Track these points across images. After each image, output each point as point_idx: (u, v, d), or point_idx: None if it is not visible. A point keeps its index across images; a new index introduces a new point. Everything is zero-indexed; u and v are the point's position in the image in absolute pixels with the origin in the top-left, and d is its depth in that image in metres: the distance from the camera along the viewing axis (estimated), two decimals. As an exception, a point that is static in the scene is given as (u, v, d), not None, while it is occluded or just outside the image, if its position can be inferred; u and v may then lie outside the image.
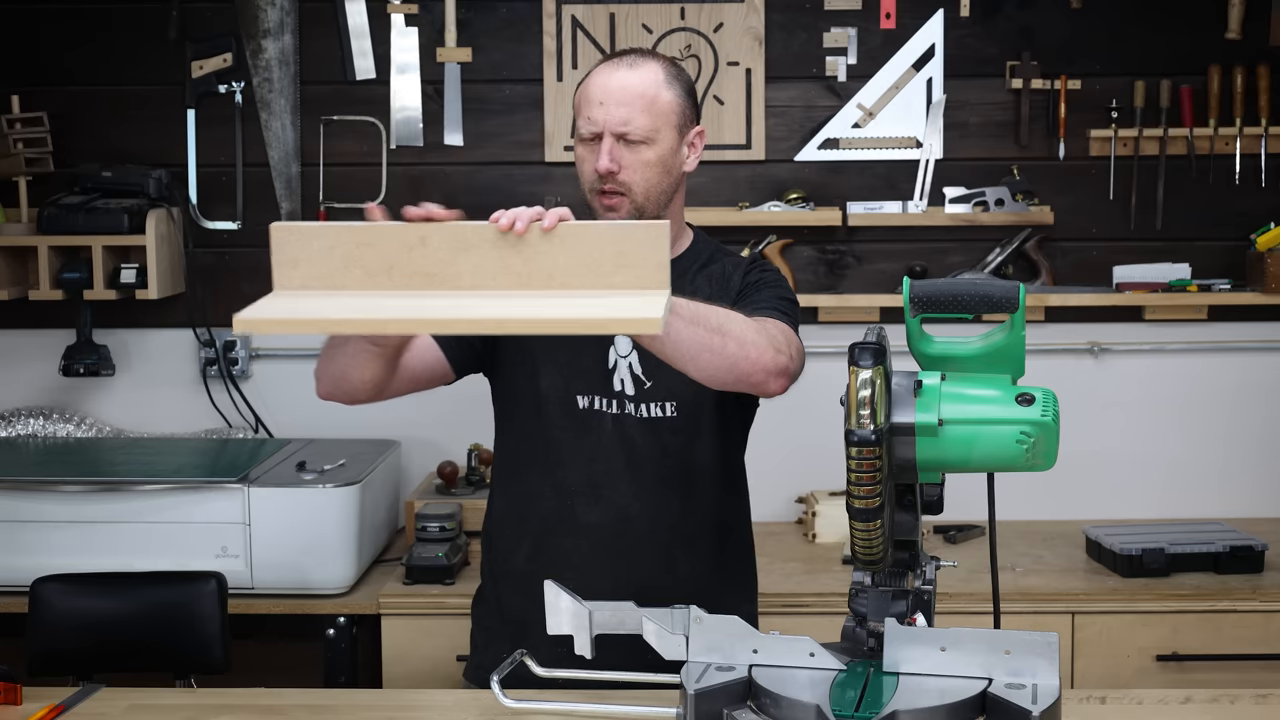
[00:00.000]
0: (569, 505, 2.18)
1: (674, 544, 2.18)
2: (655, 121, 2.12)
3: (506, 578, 2.25)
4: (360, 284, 1.73)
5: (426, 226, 1.73)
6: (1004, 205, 3.38)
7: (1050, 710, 1.60)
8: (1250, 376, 3.48)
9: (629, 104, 2.10)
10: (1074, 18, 3.42)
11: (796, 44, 3.45)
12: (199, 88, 3.46)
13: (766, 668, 1.73)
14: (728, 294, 2.18)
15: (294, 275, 1.74)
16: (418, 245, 1.73)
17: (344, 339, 2.02)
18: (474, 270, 1.73)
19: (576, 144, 2.16)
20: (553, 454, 2.19)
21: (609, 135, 2.10)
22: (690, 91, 2.19)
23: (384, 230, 1.75)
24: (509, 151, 3.47)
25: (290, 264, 1.74)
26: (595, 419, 2.17)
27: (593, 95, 2.12)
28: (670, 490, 2.17)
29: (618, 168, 2.10)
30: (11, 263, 3.32)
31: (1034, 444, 1.69)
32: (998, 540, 1.87)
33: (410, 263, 1.73)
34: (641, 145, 2.11)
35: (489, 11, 3.46)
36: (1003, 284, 1.73)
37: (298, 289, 1.73)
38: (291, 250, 1.74)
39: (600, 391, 2.16)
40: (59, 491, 2.96)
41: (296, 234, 1.74)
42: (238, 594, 2.83)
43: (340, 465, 3.05)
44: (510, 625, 2.21)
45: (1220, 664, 2.86)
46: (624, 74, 2.12)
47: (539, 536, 2.20)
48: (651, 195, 2.14)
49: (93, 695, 2.03)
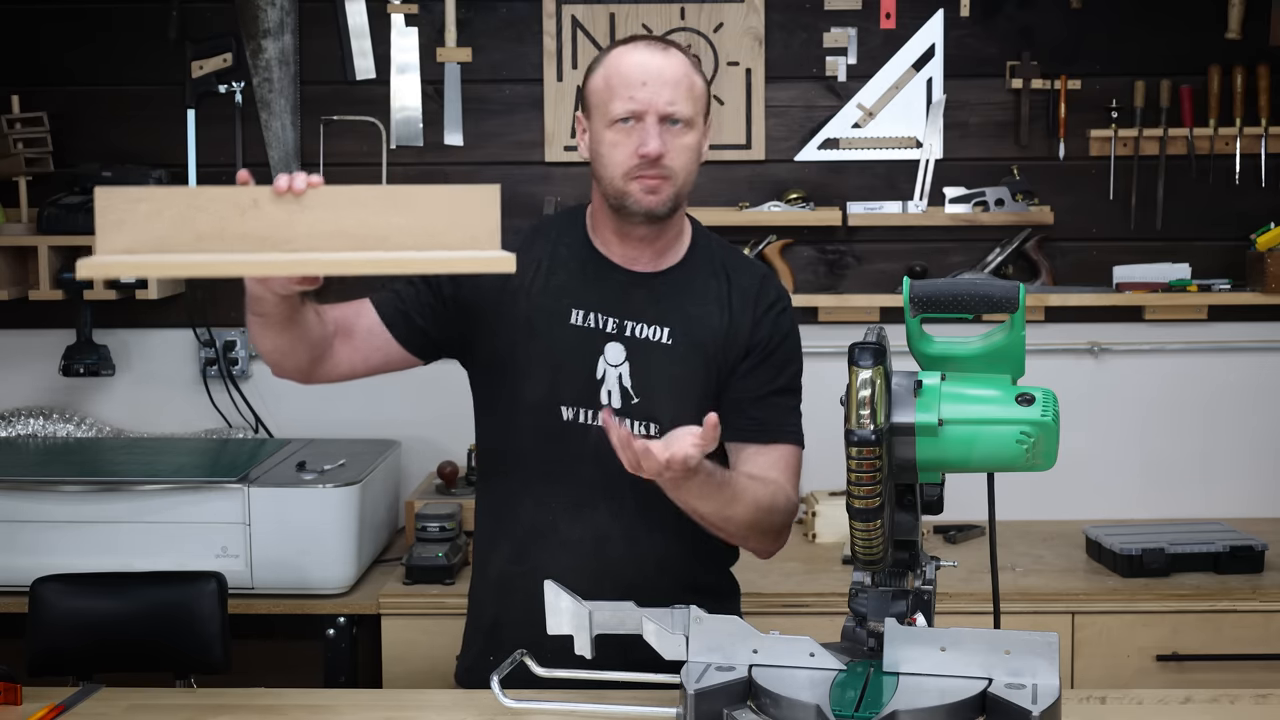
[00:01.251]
0: (550, 520, 2.12)
1: (653, 563, 2.11)
2: (694, 105, 2.05)
3: (485, 578, 2.22)
4: (190, 247, 1.69)
5: (258, 190, 1.70)
6: (1004, 205, 3.38)
7: (1050, 710, 1.60)
8: (1250, 376, 3.48)
9: (673, 85, 2.02)
10: (1074, 18, 3.42)
11: (796, 44, 3.45)
12: (199, 88, 3.46)
13: (766, 668, 1.73)
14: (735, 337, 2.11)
15: (117, 239, 1.69)
16: (250, 208, 1.71)
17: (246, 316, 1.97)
18: (308, 234, 1.71)
19: (604, 129, 2.04)
20: (534, 464, 2.12)
21: (653, 116, 2.01)
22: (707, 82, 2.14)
23: (215, 193, 1.71)
24: (509, 151, 3.47)
25: (115, 227, 1.68)
26: (578, 433, 2.09)
27: (632, 76, 2.02)
28: (652, 511, 2.06)
29: (667, 150, 2.02)
30: (11, 263, 3.31)
31: (1034, 444, 1.69)
32: (998, 540, 1.87)
33: (241, 226, 1.70)
34: (683, 128, 2.04)
35: (489, 11, 3.46)
36: (1003, 284, 1.73)
37: (121, 253, 1.69)
38: (116, 213, 1.69)
39: (585, 403, 2.09)
40: (59, 491, 2.96)
41: (120, 196, 1.69)
42: (238, 594, 2.83)
43: (340, 465, 3.05)
44: (487, 624, 2.20)
45: (1220, 664, 2.86)
46: (660, 58, 2.04)
47: (520, 543, 2.14)
48: (689, 181, 2.08)
49: (93, 695, 2.03)
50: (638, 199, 2.04)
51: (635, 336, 2.10)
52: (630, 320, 2.10)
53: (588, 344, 2.10)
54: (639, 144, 2.01)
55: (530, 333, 2.10)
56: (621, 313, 2.10)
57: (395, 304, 2.11)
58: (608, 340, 2.10)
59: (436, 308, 2.11)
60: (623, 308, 2.10)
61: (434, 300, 2.11)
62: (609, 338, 2.10)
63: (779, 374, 2.13)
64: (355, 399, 3.21)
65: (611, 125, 2.04)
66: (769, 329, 2.14)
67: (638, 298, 2.11)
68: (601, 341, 2.10)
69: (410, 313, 2.11)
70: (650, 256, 2.13)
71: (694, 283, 2.14)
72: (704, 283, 2.14)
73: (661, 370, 2.08)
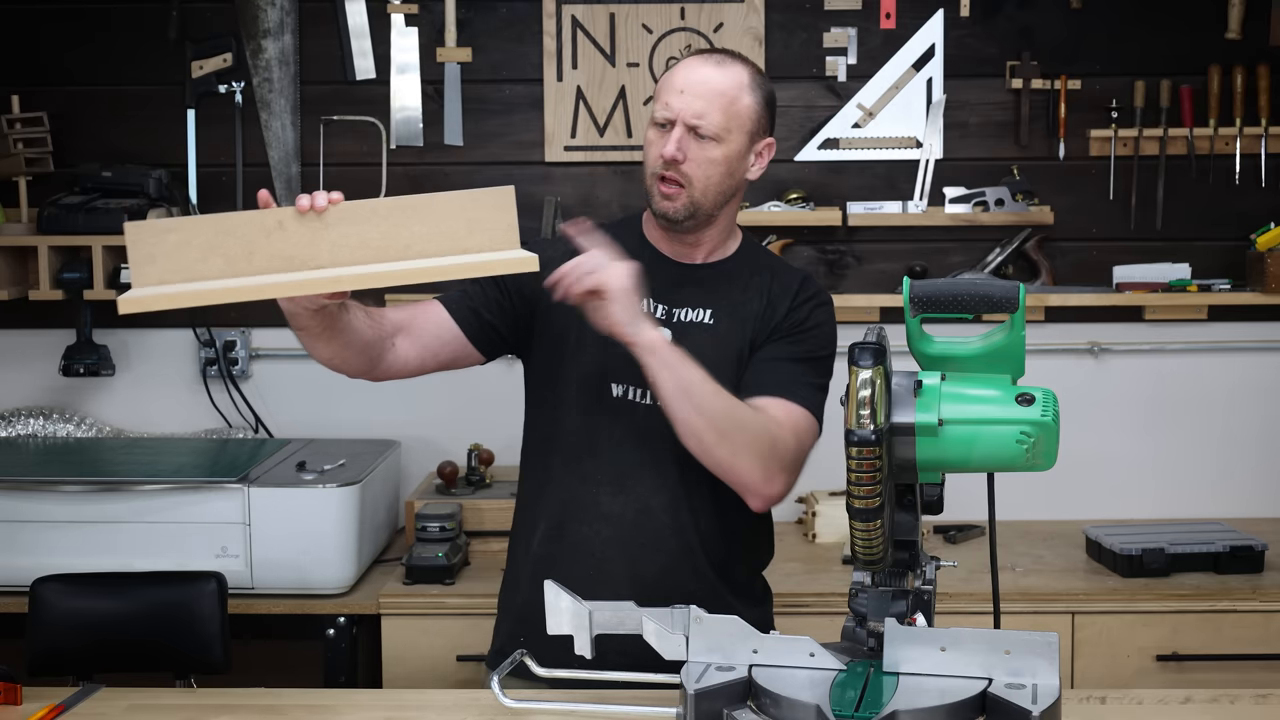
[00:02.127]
0: (593, 494, 2.16)
1: (694, 540, 2.16)
2: (729, 122, 2.13)
3: (518, 561, 2.25)
4: (221, 272, 1.77)
5: (282, 211, 1.79)
6: (1004, 205, 3.38)
7: (1050, 710, 1.60)
8: (1250, 376, 3.48)
9: (707, 98, 2.11)
10: (1074, 18, 3.42)
11: (796, 44, 3.45)
12: (199, 88, 3.46)
13: (766, 668, 1.73)
14: (770, 320, 2.18)
15: (150, 271, 1.77)
16: (275, 230, 1.79)
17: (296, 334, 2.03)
18: (332, 249, 1.80)
19: (648, 127, 2.17)
20: (582, 441, 2.18)
21: (681, 124, 2.11)
22: (770, 103, 2.20)
23: (240, 218, 1.79)
24: (509, 151, 3.47)
25: (147, 260, 1.77)
26: (626, 408, 2.16)
27: (675, 83, 2.13)
28: (695, 486, 2.14)
29: (683, 157, 2.11)
30: (11, 263, 3.32)
31: (1034, 444, 1.69)
32: (998, 540, 1.87)
33: (269, 247, 1.78)
34: (710, 142, 2.12)
35: (489, 11, 3.46)
36: (1003, 284, 1.73)
37: (155, 284, 1.76)
38: (146, 247, 1.77)
39: (634, 381, 2.14)
40: (59, 491, 2.96)
41: (149, 230, 1.77)
42: (238, 594, 2.83)
43: (340, 465, 3.05)
44: (518, 606, 2.22)
45: (1220, 664, 2.86)
46: (710, 69, 2.14)
47: (560, 523, 2.19)
48: (710, 193, 2.14)
49: (93, 695, 2.03)
50: (657, 200, 2.16)
51: (681, 320, 2.18)
52: (678, 308, 2.19)
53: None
54: (664, 145, 2.12)
55: (583, 316, 2.12)
56: (670, 300, 2.19)
57: (465, 302, 2.20)
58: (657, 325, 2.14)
59: (503, 303, 2.20)
60: (672, 296, 2.19)
61: (499, 295, 2.20)
62: (658, 323, 2.15)
63: (801, 347, 2.17)
64: (355, 399, 3.21)
65: (652, 125, 2.16)
66: (804, 315, 2.21)
67: (687, 286, 2.21)
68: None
69: (479, 309, 2.19)
70: (699, 255, 2.23)
71: (740, 275, 2.23)
72: (749, 277, 2.23)
73: (701, 346, 2.13)
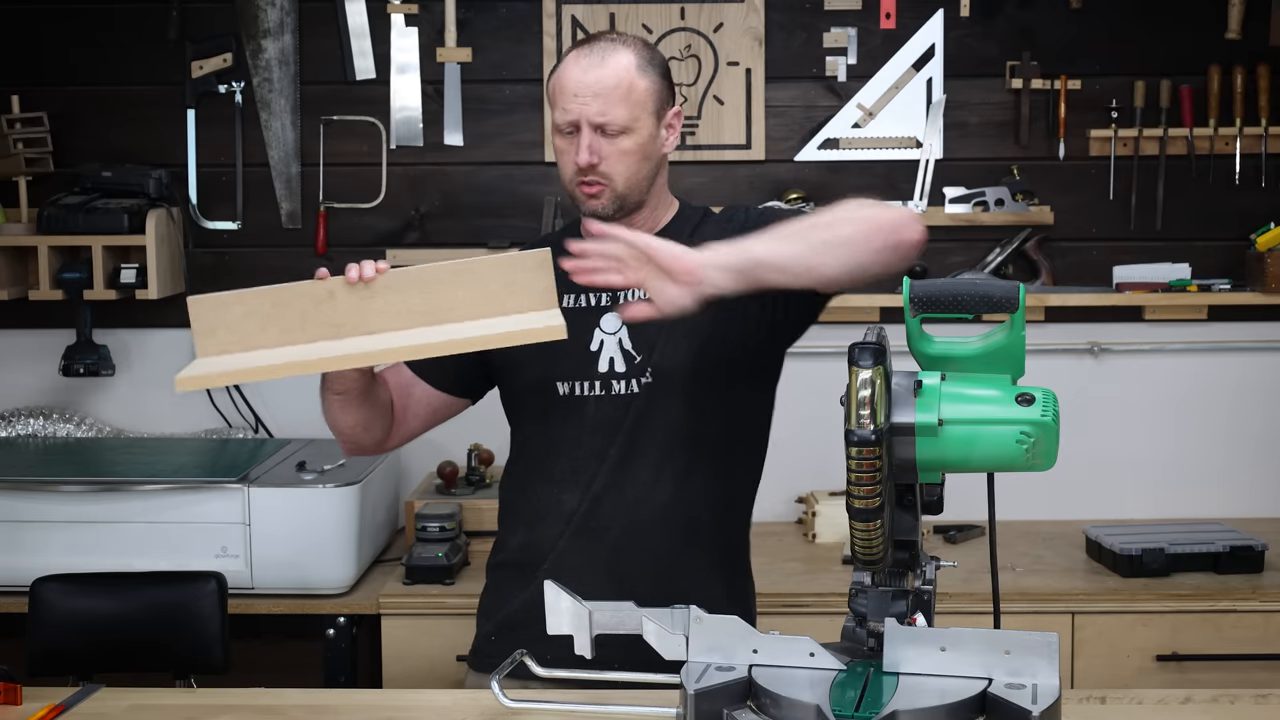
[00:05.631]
0: (554, 494, 2.15)
1: (654, 524, 2.13)
2: (632, 111, 2.08)
3: (494, 568, 2.27)
4: (277, 341, 1.90)
5: (333, 281, 1.90)
6: (1004, 205, 3.38)
7: (1050, 710, 1.59)
8: (1250, 376, 3.48)
9: (604, 95, 2.06)
10: (1074, 18, 3.42)
11: (796, 44, 3.45)
12: (199, 88, 3.46)
13: (766, 668, 1.72)
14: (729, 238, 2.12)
15: (212, 343, 1.90)
16: (326, 299, 1.91)
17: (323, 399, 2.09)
18: (379, 315, 1.92)
19: (555, 136, 2.12)
20: (540, 445, 2.18)
21: (586, 127, 2.07)
22: (665, 73, 2.15)
23: (295, 289, 1.91)
24: (509, 151, 3.47)
25: (208, 333, 1.90)
26: (576, 403, 2.14)
27: (567, 86, 2.08)
28: (661, 468, 2.11)
29: (597, 159, 2.07)
30: (11, 263, 3.32)
31: (1034, 444, 1.69)
32: (998, 540, 1.87)
33: (320, 315, 1.91)
34: (620, 135, 2.08)
35: (489, 11, 3.46)
36: (1003, 284, 1.73)
37: (215, 354, 1.90)
38: (207, 320, 1.90)
39: (581, 375, 2.13)
40: (59, 491, 2.96)
41: (211, 304, 1.91)
42: (238, 594, 2.83)
43: (340, 465, 3.05)
44: (495, 613, 2.23)
45: (1220, 664, 2.86)
46: (597, 65, 2.08)
47: (527, 527, 2.19)
48: (633, 183, 2.11)
49: (93, 695, 2.03)
50: (584, 203, 2.13)
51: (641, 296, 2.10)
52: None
53: (581, 322, 2.12)
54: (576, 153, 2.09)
55: None
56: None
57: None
58: (602, 314, 2.15)
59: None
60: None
61: None
62: (603, 310, 2.14)
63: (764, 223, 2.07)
64: (355, 399, 3.21)
65: (558, 133, 2.12)
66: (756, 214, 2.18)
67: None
68: (596, 316, 2.15)
69: (441, 359, 2.11)
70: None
71: (681, 233, 2.15)
72: (691, 231, 2.18)
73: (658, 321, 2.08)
